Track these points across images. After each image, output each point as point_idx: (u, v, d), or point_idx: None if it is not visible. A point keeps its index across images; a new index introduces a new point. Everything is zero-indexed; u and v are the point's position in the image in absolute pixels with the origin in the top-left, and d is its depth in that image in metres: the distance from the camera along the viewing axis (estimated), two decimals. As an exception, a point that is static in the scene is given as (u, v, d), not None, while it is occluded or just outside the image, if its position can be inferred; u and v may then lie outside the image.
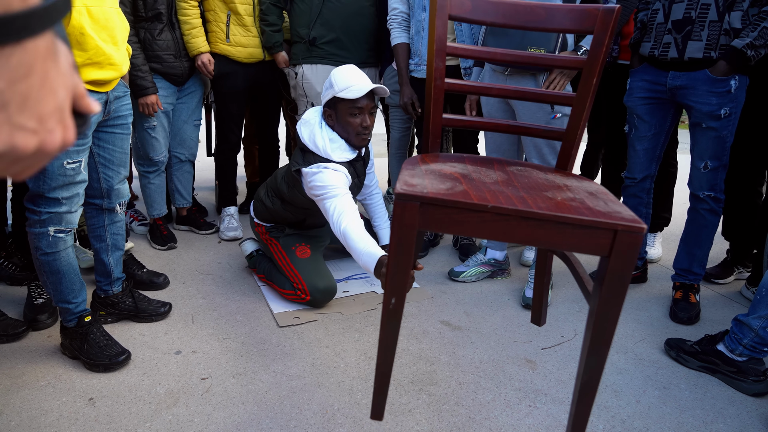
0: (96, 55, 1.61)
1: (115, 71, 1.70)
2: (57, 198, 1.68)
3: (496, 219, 0.86)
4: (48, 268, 1.74)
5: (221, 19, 2.61)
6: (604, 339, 0.89)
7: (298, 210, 2.25)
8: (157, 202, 2.77)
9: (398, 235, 0.91)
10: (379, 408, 1.08)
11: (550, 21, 1.18)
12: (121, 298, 2.05)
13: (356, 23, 2.62)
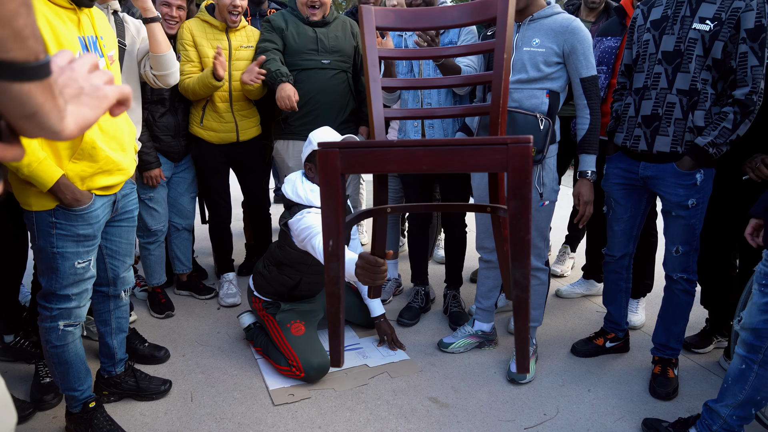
0: (106, 164, 1.74)
1: (123, 175, 1.84)
2: (68, 295, 1.80)
3: (404, 152, 0.94)
4: (57, 359, 1.85)
5: (200, 104, 2.77)
6: (523, 248, 0.93)
7: (293, 270, 2.38)
8: (157, 272, 2.89)
9: (325, 181, 1.01)
10: (335, 354, 1.11)
11: (460, 17, 1.30)
12: (123, 378, 2.15)
13: (327, 99, 2.74)
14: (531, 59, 2.09)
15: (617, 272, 2.43)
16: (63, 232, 1.72)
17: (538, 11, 2.12)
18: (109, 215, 1.89)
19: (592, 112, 2.13)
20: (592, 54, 2.10)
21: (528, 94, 2.11)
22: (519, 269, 0.96)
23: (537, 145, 2.08)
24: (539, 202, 2.19)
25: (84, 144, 1.66)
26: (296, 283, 2.42)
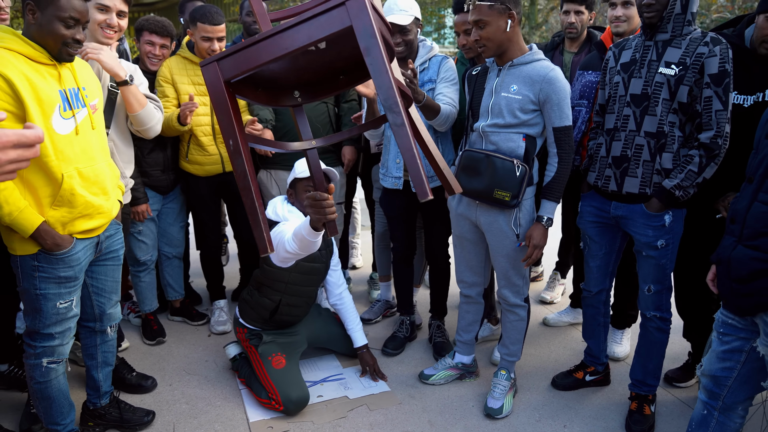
0: (85, 209, 1.83)
1: (104, 218, 1.93)
2: (51, 333, 1.89)
3: (266, 42, 1.03)
4: (40, 395, 1.94)
5: (185, 139, 2.86)
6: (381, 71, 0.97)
7: (272, 291, 2.44)
8: (148, 298, 2.98)
9: (212, 91, 1.10)
10: (261, 242, 1.15)
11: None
12: (108, 410, 2.23)
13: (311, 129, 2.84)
14: (508, 105, 2.13)
15: (595, 307, 2.45)
16: (45, 275, 1.81)
17: (518, 57, 2.15)
18: (93, 256, 1.97)
19: (561, 162, 2.15)
20: (568, 104, 2.11)
21: (505, 138, 2.16)
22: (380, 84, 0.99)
23: (512, 191, 2.11)
24: (515, 243, 2.22)
25: (62, 191, 1.74)
26: (276, 305, 2.47)
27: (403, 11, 2.44)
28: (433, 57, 2.59)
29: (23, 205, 1.69)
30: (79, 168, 1.78)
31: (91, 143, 1.83)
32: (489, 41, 2.10)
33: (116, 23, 2.24)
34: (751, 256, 1.45)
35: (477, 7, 2.08)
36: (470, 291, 2.53)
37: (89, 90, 1.88)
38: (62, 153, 1.72)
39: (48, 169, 1.69)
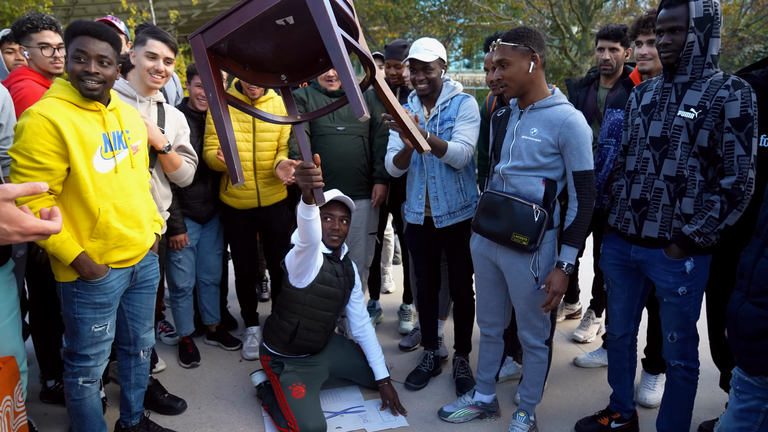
0: (119, 240, 1.99)
1: (137, 250, 2.09)
2: (87, 355, 2.05)
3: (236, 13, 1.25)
4: (75, 411, 2.09)
5: (225, 173, 3.04)
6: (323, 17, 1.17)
7: (290, 313, 2.54)
8: (185, 322, 3.15)
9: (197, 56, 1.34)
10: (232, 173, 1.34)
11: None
12: (137, 429, 2.36)
13: (342, 162, 2.99)
14: (527, 148, 2.15)
15: (619, 351, 2.38)
16: (82, 301, 1.98)
17: (540, 100, 2.17)
18: (128, 284, 2.13)
19: (581, 206, 2.12)
20: (588, 149, 2.09)
21: (524, 181, 2.18)
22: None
23: (530, 236, 2.11)
24: (534, 286, 2.21)
25: (99, 224, 1.92)
26: (295, 329, 2.55)
27: (427, 50, 2.53)
28: (455, 96, 2.66)
29: (65, 237, 1.87)
30: (115, 203, 1.95)
31: (129, 180, 2.01)
32: (511, 81, 2.14)
33: (163, 69, 2.45)
34: (757, 314, 1.40)
35: (501, 47, 2.13)
36: (490, 331, 2.52)
37: (133, 133, 2.07)
38: (100, 190, 1.90)
39: (87, 204, 1.88)
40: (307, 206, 2.15)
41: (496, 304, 2.44)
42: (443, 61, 2.62)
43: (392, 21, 14.94)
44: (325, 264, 2.55)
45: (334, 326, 2.69)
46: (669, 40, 1.95)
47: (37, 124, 1.78)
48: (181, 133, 2.64)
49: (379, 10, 14.36)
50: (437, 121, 2.63)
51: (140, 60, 2.38)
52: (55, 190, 1.86)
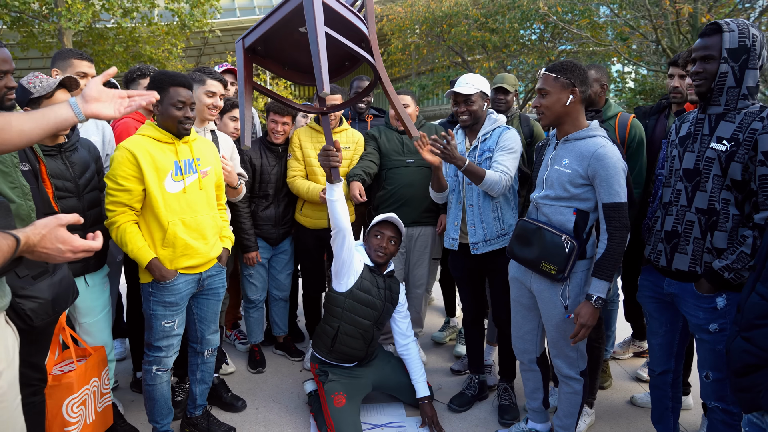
0: (185, 249, 2.34)
1: (202, 259, 2.42)
2: (159, 346, 2.40)
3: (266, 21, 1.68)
4: (148, 395, 2.46)
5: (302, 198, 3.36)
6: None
7: (332, 317, 2.75)
8: (255, 331, 3.48)
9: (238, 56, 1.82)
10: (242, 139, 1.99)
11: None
12: (199, 420, 2.68)
13: (410, 191, 3.20)
14: (558, 178, 2.21)
15: (661, 389, 2.29)
16: (156, 299, 2.35)
17: (574, 132, 2.23)
18: (195, 289, 2.48)
19: (611, 239, 2.10)
20: (619, 181, 2.09)
21: (555, 210, 2.23)
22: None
23: (558, 265, 2.16)
24: (564, 314, 2.23)
25: (168, 235, 2.29)
26: (335, 333, 2.73)
27: (468, 84, 2.68)
28: (496, 128, 2.76)
29: (141, 244, 2.26)
30: (182, 218, 2.32)
31: (196, 199, 2.37)
32: (547, 110, 2.22)
33: (220, 105, 2.84)
34: (743, 348, 1.36)
35: (544, 77, 2.23)
36: (524, 357, 2.55)
37: (203, 160, 2.44)
38: (170, 206, 2.28)
39: (159, 218, 2.26)
40: (330, 186, 2.51)
41: (528, 330, 2.47)
42: (485, 94, 2.74)
43: (490, 50, 15.02)
44: (366, 273, 2.76)
45: (373, 337, 2.83)
46: (700, 68, 1.94)
47: (122, 155, 2.21)
48: (235, 158, 3.02)
49: (476, 40, 14.53)
50: (477, 152, 2.74)
51: (200, 97, 2.77)
52: (135, 207, 2.26)
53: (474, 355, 3.04)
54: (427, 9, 14.64)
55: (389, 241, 2.81)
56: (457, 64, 16.48)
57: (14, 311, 1.78)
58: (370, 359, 2.91)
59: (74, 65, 2.82)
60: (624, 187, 2.12)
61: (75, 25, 11.28)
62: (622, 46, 12.59)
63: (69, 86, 2.30)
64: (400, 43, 15.73)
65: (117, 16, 12.50)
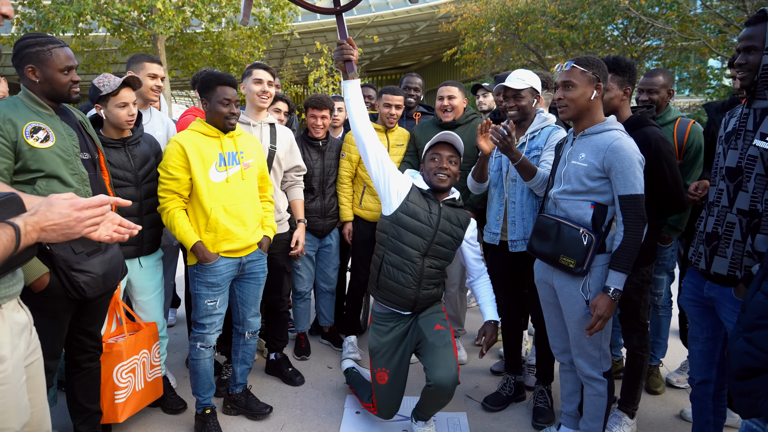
0: (226, 234, 2.50)
1: (242, 244, 2.57)
2: (203, 323, 2.59)
3: None
4: (192, 369, 2.65)
5: (359, 189, 3.44)
6: None
7: (380, 247, 2.59)
8: (301, 321, 3.62)
9: None
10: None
11: None
12: (239, 397, 2.85)
13: None
14: (575, 173, 2.16)
15: (700, 400, 2.16)
16: (199, 280, 2.53)
17: (591, 127, 2.19)
18: (236, 273, 2.64)
19: (627, 231, 2.05)
20: (635, 173, 2.04)
21: (573, 205, 2.18)
22: None
23: (577, 259, 2.11)
24: (585, 309, 2.17)
25: (210, 221, 2.47)
26: (381, 262, 2.58)
27: (519, 79, 2.64)
28: (545, 127, 2.70)
29: (187, 228, 2.45)
30: (224, 205, 2.48)
31: (239, 189, 2.54)
32: (571, 102, 2.17)
33: (268, 90, 2.94)
34: (744, 350, 1.27)
35: (571, 69, 2.18)
36: (563, 358, 2.48)
37: (246, 153, 2.60)
38: (213, 194, 2.45)
39: (203, 205, 2.45)
40: (345, 82, 2.41)
41: (564, 329, 2.41)
42: (536, 90, 2.69)
43: (568, 47, 14.48)
44: (415, 196, 2.53)
45: (423, 273, 2.53)
46: (744, 60, 1.81)
47: (172, 148, 2.43)
48: (295, 150, 3.16)
49: (554, 38, 14.06)
50: (524, 149, 2.70)
51: (249, 87, 2.92)
52: (183, 194, 2.46)
53: (510, 354, 3.00)
54: (503, 6, 14.36)
55: (449, 161, 2.53)
56: (533, 63, 16.03)
57: (70, 283, 2.01)
58: (421, 309, 2.64)
59: (146, 67, 3.09)
60: (641, 179, 2.07)
61: (167, 30, 12.16)
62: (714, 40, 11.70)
63: (132, 85, 2.53)
64: (475, 42, 15.52)
65: (205, 21, 13.32)
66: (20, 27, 12.49)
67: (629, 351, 2.63)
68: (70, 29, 12.12)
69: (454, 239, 2.58)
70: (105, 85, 2.47)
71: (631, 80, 2.44)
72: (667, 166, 2.31)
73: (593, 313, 2.09)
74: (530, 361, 3.26)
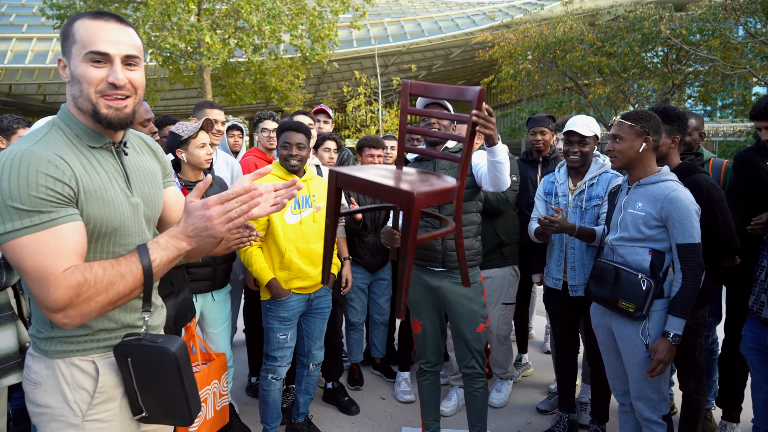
0: (298, 273, 2.68)
1: (312, 281, 2.74)
2: (275, 356, 2.75)
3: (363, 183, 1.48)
4: (262, 399, 2.80)
5: None
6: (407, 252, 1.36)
7: None
8: (355, 352, 3.75)
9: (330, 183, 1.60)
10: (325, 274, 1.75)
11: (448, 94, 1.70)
12: (301, 426, 2.99)
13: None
14: (633, 221, 2.25)
15: (765, 449, 2.18)
16: (272, 314, 2.70)
17: (646, 177, 2.28)
18: (305, 308, 2.81)
19: (685, 278, 2.12)
20: (692, 222, 2.11)
21: (631, 251, 2.26)
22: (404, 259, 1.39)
23: (636, 303, 2.18)
24: (645, 353, 2.23)
25: (284, 260, 2.64)
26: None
27: (585, 126, 2.75)
28: (603, 174, 2.79)
29: (263, 266, 2.63)
30: (297, 246, 2.66)
31: (310, 230, 2.72)
32: (620, 154, 2.29)
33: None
34: None
35: (619, 123, 2.31)
36: (623, 399, 2.53)
37: (318, 197, 2.78)
38: (288, 235, 2.64)
39: (278, 245, 2.63)
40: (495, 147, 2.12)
41: (623, 371, 2.46)
42: (597, 138, 2.79)
43: (606, 74, 14.46)
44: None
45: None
46: None
47: None
48: None
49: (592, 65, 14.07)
50: (584, 197, 2.78)
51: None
52: (260, 234, 2.62)
53: (564, 392, 3.05)
54: (540, 35, 14.49)
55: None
56: (569, 89, 16.05)
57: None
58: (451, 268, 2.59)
59: (207, 113, 3.33)
60: (697, 228, 2.15)
61: (213, 62, 12.73)
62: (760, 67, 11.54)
63: (206, 127, 2.75)
64: (511, 70, 15.67)
65: (248, 52, 13.89)
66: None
67: (685, 394, 2.66)
68: (125, 61, 12.81)
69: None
70: (184, 130, 2.69)
71: (680, 129, 2.52)
72: (719, 212, 2.39)
73: (653, 357, 2.15)
74: (581, 399, 3.29)
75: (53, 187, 1.15)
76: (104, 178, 1.27)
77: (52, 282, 1.13)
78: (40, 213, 1.13)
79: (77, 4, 13.41)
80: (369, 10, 15.02)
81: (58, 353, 1.30)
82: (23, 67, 24.92)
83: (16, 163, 1.13)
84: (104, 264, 1.20)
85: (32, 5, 27.35)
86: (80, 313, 1.17)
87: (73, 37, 1.23)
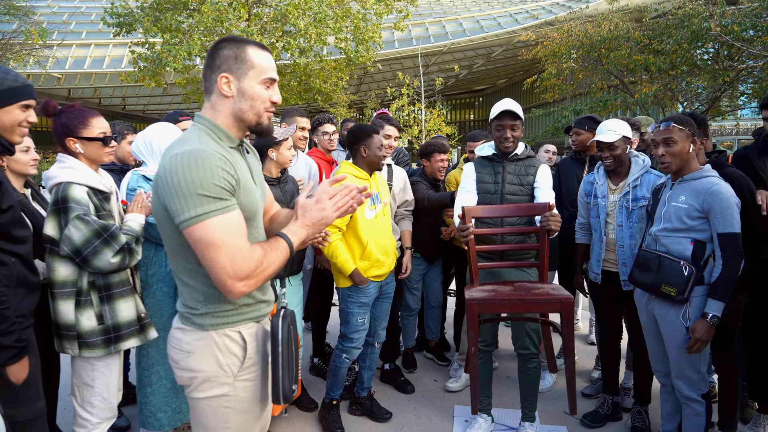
0: (376, 262, 2.99)
1: (386, 269, 3.06)
2: (352, 338, 3.07)
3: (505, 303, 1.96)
4: (332, 372, 3.14)
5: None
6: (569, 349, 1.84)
7: None
8: (409, 336, 4.05)
9: (469, 318, 2.14)
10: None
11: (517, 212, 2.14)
12: (364, 400, 3.31)
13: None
14: (676, 213, 2.46)
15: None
16: (353, 300, 3.03)
17: (689, 174, 2.49)
18: (377, 293, 3.12)
19: (725, 265, 2.31)
20: (732, 213, 2.30)
21: (674, 241, 2.47)
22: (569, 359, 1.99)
23: (678, 288, 2.39)
24: (685, 335, 2.43)
25: (366, 252, 2.96)
26: None
27: (610, 131, 2.92)
28: (646, 174, 2.94)
29: (346, 257, 2.95)
30: (375, 238, 2.98)
31: (382, 224, 3.04)
32: (674, 157, 2.49)
33: (394, 145, 3.50)
34: None
35: (671, 128, 2.50)
36: (665, 380, 2.73)
37: (382, 193, 3.09)
38: (367, 229, 2.95)
39: (359, 238, 2.95)
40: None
41: (665, 354, 2.66)
42: (628, 138, 2.97)
43: (653, 72, 14.23)
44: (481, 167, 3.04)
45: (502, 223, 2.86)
46: None
47: None
48: (407, 187, 3.62)
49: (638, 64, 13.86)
50: (629, 197, 2.91)
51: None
52: (342, 228, 2.95)
53: (608, 375, 3.25)
54: (584, 34, 14.37)
55: (511, 129, 2.87)
56: (615, 87, 15.84)
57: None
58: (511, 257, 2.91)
59: (296, 120, 3.68)
60: (738, 219, 2.33)
61: (262, 66, 13.21)
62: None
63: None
64: (555, 69, 15.58)
65: (295, 55, 14.36)
66: (136, 65, 14.00)
67: (721, 377, 2.83)
68: (180, 66, 13.49)
69: (523, 188, 2.91)
70: (278, 134, 3.01)
71: (705, 132, 2.81)
72: (750, 198, 2.58)
73: (691, 335, 2.36)
74: (626, 384, 3.48)
75: (227, 178, 1.43)
76: (245, 173, 1.58)
77: (244, 255, 1.38)
78: (222, 200, 1.41)
79: (135, 13, 14.18)
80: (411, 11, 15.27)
81: (213, 326, 1.52)
82: (81, 72, 26.38)
83: (198, 159, 1.40)
84: (270, 244, 1.49)
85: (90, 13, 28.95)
86: (256, 282, 1.41)
87: (251, 62, 1.52)
